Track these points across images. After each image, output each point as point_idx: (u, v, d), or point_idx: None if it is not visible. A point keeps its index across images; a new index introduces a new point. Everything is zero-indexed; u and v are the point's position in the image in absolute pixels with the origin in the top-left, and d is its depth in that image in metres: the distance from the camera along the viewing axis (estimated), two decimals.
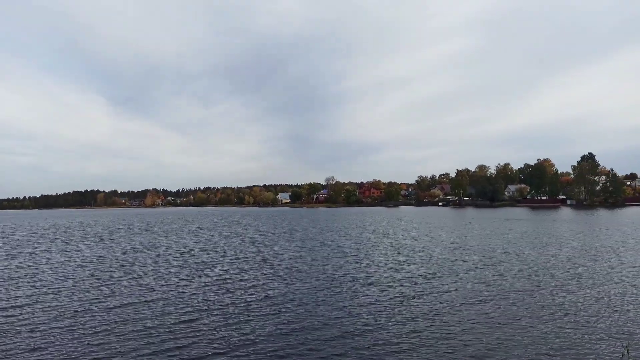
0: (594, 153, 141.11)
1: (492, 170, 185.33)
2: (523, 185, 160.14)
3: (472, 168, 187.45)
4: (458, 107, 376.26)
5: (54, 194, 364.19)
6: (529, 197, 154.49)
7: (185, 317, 12.40)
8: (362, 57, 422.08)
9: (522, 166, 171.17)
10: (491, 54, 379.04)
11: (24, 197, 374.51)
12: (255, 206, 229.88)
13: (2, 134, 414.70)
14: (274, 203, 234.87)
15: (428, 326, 11.26)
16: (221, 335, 10.87)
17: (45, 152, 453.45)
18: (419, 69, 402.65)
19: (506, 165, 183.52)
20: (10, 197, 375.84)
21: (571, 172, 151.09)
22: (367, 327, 11.17)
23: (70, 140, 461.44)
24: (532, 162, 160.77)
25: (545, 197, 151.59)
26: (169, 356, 9.47)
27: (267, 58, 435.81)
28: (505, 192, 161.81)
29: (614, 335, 10.33)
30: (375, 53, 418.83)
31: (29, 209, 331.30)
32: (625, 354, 8.99)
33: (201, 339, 10.54)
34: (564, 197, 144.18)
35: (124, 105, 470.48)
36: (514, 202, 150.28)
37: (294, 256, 25.61)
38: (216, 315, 12.66)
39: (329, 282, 17.33)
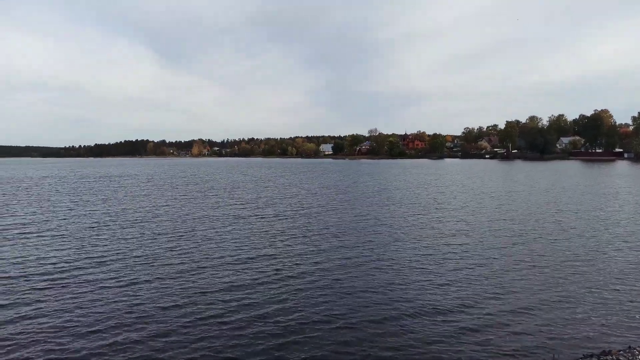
0: None
1: (544, 122, 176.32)
2: (577, 138, 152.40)
3: (523, 120, 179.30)
4: (508, 56, 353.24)
5: (107, 143, 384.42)
6: (582, 149, 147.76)
7: (253, 277, 12.07)
8: (409, 4, 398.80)
9: (577, 117, 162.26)
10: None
11: (80, 146, 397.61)
12: (298, 157, 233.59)
13: (47, 87, 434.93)
14: (316, 154, 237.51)
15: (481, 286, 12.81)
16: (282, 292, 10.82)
17: (90, 103, 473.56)
18: (468, 16, 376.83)
19: (560, 116, 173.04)
20: (67, 146, 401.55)
21: (631, 123, 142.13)
22: (422, 301, 10.18)
23: (116, 92, 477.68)
24: (588, 114, 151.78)
25: (600, 150, 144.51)
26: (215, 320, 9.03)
27: (307, 6, 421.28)
28: (557, 145, 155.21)
29: None
30: None
31: (84, 157, 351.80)
32: None
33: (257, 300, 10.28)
34: (621, 150, 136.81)
35: (167, 58, 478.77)
36: (566, 155, 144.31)
37: (351, 212, 25.53)
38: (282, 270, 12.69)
39: (394, 241, 17.81)
